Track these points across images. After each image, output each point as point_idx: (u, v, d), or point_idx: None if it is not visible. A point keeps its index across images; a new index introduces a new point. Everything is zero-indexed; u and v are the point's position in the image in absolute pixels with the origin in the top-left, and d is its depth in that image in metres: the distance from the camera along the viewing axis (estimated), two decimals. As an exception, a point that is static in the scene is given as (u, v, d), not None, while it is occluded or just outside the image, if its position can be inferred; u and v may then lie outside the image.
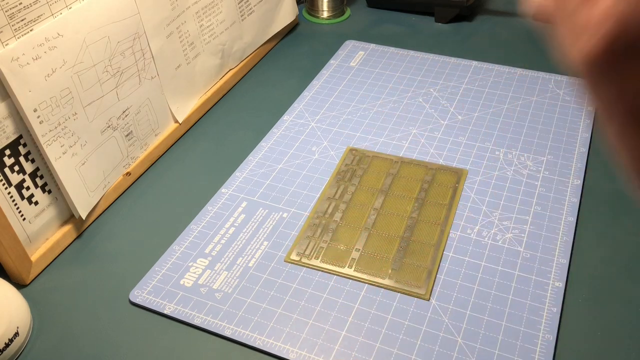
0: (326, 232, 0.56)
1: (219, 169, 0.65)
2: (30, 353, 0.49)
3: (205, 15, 0.71)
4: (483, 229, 0.56)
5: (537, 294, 0.50)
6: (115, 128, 0.60)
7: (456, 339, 0.47)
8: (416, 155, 0.65)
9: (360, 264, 0.53)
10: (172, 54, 0.67)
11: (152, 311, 0.51)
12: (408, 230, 0.56)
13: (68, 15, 0.52)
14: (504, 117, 0.70)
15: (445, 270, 0.53)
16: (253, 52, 0.82)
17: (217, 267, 0.54)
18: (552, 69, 0.78)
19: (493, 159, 0.64)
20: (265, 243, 0.56)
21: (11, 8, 0.48)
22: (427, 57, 0.81)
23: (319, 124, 0.70)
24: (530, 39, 0.85)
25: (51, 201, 0.55)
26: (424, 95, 0.74)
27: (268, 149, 0.67)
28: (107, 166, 0.60)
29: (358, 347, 0.47)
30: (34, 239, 0.54)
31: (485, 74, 0.77)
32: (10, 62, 0.47)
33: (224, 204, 0.60)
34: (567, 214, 0.57)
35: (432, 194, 0.60)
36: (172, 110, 0.69)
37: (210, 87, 0.75)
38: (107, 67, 0.57)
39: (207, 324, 0.49)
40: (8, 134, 0.50)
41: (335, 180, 0.62)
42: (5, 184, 0.50)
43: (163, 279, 0.53)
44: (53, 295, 0.53)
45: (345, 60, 0.81)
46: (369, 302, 0.50)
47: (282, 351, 0.47)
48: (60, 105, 0.53)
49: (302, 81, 0.78)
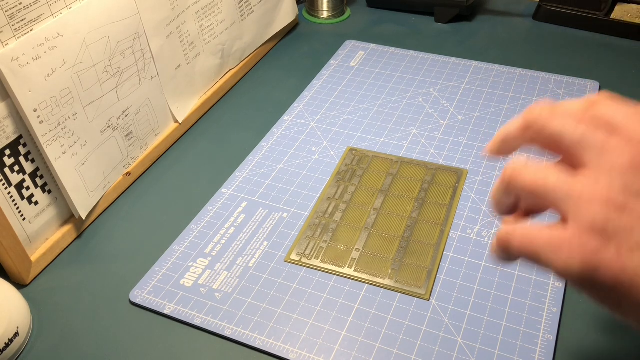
0: (326, 232, 0.56)
1: (219, 169, 0.65)
2: (30, 353, 0.49)
3: (205, 15, 0.71)
4: (483, 229, 0.56)
5: (537, 294, 0.50)
6: (115, 128, 0.60)
7: (456, 339, 0.47)
8: (416, 155, 0.65)
9: (360, 264, 0.53)
10: (172, 54, 0.67)
11: (152, 311, 0.51)
12: (408, 230, 0.56)
13: (68, 15, 0.52)
14: (504, 117, 0.70)
15: (445, 270, 0.53)
16: (253, 52, 0.82)
17: (217, 267, 0.54)
18: (552, 69, 0.78)
19: (493, 159, 0.64)
20: (265, 243, 0.56)
21: (11, 8, 0.48)
22: (427, 57, 0.81)
23: (319, 124, 0.70)
24: (530, 39, 0.85)
25: (51, 201, 0.55)
26: (424, 95, 0.74)
27: (268, 149, 0.67)
28: (107, 166, 0.60)
29: (358, 347, 0.47)
30: (34, 239, 0.54)
31: (485, 74, 0.77)
32: (10, 62, 0.47)
33: (224, 204, 0.60)
34: (567, 214, 0.57)
35: (432, 194, 0.60)
36: (172, 110, 0.69)
37: (210, 87, 0.75)
38: (107, 67, 0.57)
39: (207, 324, 0.49)
40: (8, 134, 0.50)
41: (335, 180, 0.62)
42: (5, 184, 0.50)
43: (163, 279, 0.53)
44: (53, 295, 0.53)
45: (345, 60, 0.82)
46: (369, 302, 0.50)
47: (282, 351, 0.47)
48: (60, 105, 0.53)
49: (302, 81, 0.78)
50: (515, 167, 0.29)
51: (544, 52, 0.82)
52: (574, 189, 0.27)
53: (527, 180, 0.29)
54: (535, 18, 0.89)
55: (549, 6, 0.87)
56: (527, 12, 0.91)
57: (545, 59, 0.80)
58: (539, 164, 0.29)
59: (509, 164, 0.30)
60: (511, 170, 0.30)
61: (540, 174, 0.28)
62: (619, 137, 0.26)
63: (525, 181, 0.29)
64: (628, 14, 0.84)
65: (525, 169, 0.29)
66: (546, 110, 0.30)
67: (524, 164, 0.29)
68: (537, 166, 0.29)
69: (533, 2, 0.93)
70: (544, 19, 0.88)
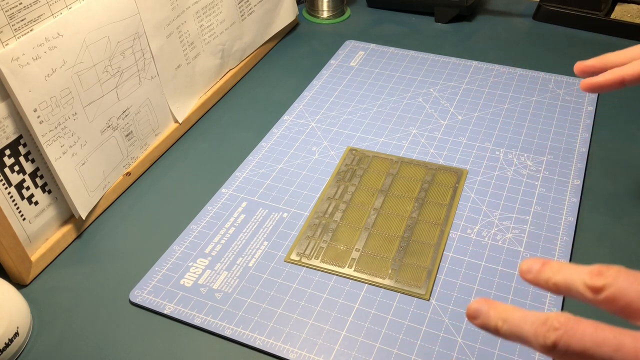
0: (326, 232, 0.56)
1: (219, 169, 0.65)
2: (30, 353, 0.49)
3: (205, 15, 0.71)
4: (483, 229, 0.56)
5: (537, 294, 0.50)
6: (115, 128, 0.60)
7: (456, 339, 0.47)
8: (416, 155, 0.65)
9: (360, 264, 0.53)
10: (172, 54, 0.67)
11: (152, 311, 0.51)
12: (408, 230, 0.56)
13: (68, 15, 0.52)
14: (504, 117, 0.70)
15: (445, 270, 0.53)
16: (253, 52, 0.82)
17: (217, 267, 0.54)
18: (552, 69, 0.78)
19: (493, 159, 0.64)
20: (265, 243, 0.56)
21: (11, 8, 0.48)
22: (427, 57, 0.81)
23: (319, 124, 0.70)
24: (530, 39, 0.85)
25: (51, 201, 0.55)
26: (424, 95, 0.74)
27: (268, 149, 0.67)
28: (107, 166, 0.60)
29: (358, 347, 0.47)
30: (34, 239, 0.54)
31: (485, 74, 0.77)
32: (10, 62, 0.47)
33: (224, 204, 0.60)
34: (567, 214, 0.57)
35: (432, 194, 0.60)
36: (172, 110, 0.69)
37: (210, 87, 0.75)
38: (107, 67, 0.57)
39: (207, 324, 0.49)
40: (8, 134, 0.50)
41: (335, 180, 0.62)
42: (5, 184, 0.50)
43: (163, 279, 0.53)
44: (53, 295, 0.53)
45: (345, 60, 0.82)
46: (369, 302, 0.50)
47: (282, 351, 0.47)
48: (60, 105, 0.53)
49: (302, 81, 0.78)
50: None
51: (544, 52, 0.82)
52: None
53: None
54: (535, 18, 0.89)
55: (549, 6, 0.87)
56: (527, 12, 0.91)
57: (545, 59, 0.80)
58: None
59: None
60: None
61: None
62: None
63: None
64: (628, 14, 0.84)
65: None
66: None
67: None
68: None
69: (533, 2, 0.93)
70: (544, 19, 0.88)
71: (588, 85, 0.47)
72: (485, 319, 0.29)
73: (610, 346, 0.25)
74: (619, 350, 0.25)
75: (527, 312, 0.28)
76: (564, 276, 0.28)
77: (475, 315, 0.29)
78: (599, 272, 0.27)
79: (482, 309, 0.29)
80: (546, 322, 0.26)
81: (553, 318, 0.26)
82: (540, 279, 0.29)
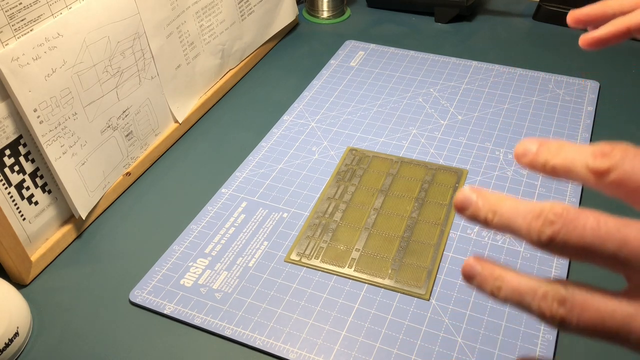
0: (326, 232, 0.56)
1: (219, 169, 0.65)
2: (30, 353, 0.49)
3: (205, 15, 0.71)
4: (483, 229, 0.56)
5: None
6: (115, 128, 0.60)
7: (456, 339, 0.47)
8: (416, 155, 0.65)
9: (360, 264, 0.53)
10: (172, 54, 0.67)
11: (152, 311, 0.51)
12: (408, 230, 0.56)
13: (68, 15, 0.52)
14: (504, 117, 0.70)
15: (445, 270, 0.53)
16: (253, 52, 0.82)
17: (217, 267, 0.54)
18: (552, 69, 0.78)
19: (493, 159, 0.64)
20: (265, 243, 0.56)
21: (11, 8, 0.48)
22: (427, 57, 0.81)
23: (319, 124, 0.70)
24: (530, 39, 0.85)
25: (51, 201, 0.55)
26: (424, 95, 0.74)
27: (268, 149, 0.67)
28: (107, 166, 0.60)
29: (358, 347, 0.47)
30: (34, 239, 0.54)
31: (485, 74, 0.77)
32: (10, 62, 0.47)
33: (224, 204, 0.60)
34: (567, 214, 0.57)
35: (432, 194, 0.60)
36: (172, 110, 0.69)
37: (210, 87, 0.75)
38: (107, 67, 0.57)
39: (207, 324, 0.49)
40: (8, 134, 0.50)
41: (335, 180, 0.62)
42: (5, 184, 0.50)
43: (163, 279, 0.53)
44: (53, 295, 0.53)
45: (345, 60, 0.82)
46: (369, 302, 0.50)
47: (282, 351, 0.47)
48: (60, 105, 0.53)
49: (302, 81, 0.78)
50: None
51: (544, 52, 0.82)
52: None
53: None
54: (535, 18, 0.89)
55: (549, 6, 0.87)
56: (527, 12, 0.91)
57: (545, 59, 0.80)
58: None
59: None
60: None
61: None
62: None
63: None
64: (628, 14, 0.84)
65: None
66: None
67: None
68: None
69: (533, 2, 0.93)
70: (544, 19, 0.88)
71: (589, 41, 0.40)
72: (474, 209, 0.25)
73: (614, 241, 0.22)
74: (624, 245, 0.22)
75: (519, 202, 0.25)
76: (564, 158, 0.24)
77: (464, 205, 0.26)
78: (603, 152, 0.23)
79: (470, 199, 0.25)
80: (541, 214, 0.23)
81: (548, 210, 0.23)
82: (537, 163, 0.25)
